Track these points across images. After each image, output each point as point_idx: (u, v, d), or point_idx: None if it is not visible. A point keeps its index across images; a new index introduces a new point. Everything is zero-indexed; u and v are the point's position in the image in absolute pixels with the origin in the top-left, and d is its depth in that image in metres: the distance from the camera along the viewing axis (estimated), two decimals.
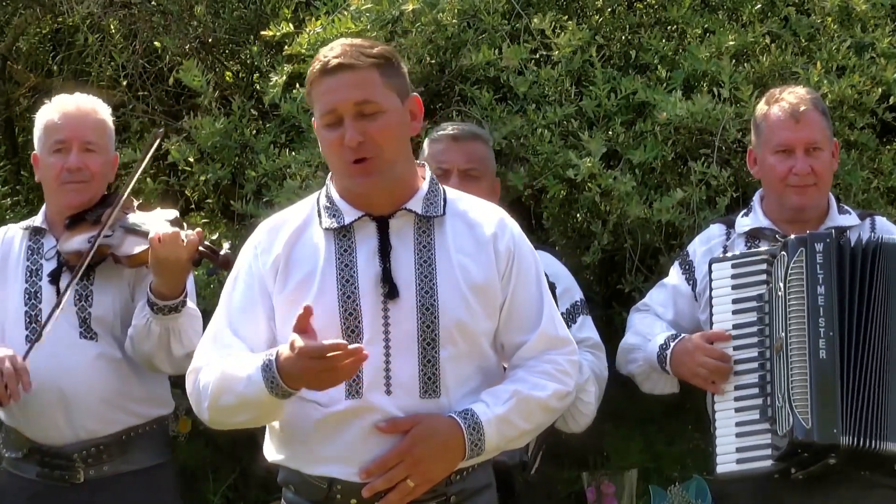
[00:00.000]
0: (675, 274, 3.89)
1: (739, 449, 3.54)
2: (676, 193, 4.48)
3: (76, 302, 3.74)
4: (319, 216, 2.96)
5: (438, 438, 2.85)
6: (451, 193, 3.03)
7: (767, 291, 3.56)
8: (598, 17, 5.02)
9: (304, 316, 2.76)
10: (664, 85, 4.63)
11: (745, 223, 3.81)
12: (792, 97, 3.73)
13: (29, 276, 3.82)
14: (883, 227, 3.79)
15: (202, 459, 5.58)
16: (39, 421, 3.73)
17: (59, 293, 3.74)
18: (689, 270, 3.85)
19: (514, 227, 3.02)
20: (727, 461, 3.56)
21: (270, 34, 4.89)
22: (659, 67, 4.67)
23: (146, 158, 3.81)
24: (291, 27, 4.84)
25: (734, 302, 3.61)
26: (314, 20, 4.75)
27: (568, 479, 5.09)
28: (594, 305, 5.66)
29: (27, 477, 3.80)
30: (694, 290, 3.82)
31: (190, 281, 3.75)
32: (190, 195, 5.25)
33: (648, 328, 3.79)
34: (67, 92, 4.02)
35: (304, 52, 4.69)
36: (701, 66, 4.61)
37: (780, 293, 3.50)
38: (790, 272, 3.49)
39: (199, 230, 3.65)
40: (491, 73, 4.70)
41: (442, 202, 2.97)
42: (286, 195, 4.56)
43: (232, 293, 2.99)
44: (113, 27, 5.68)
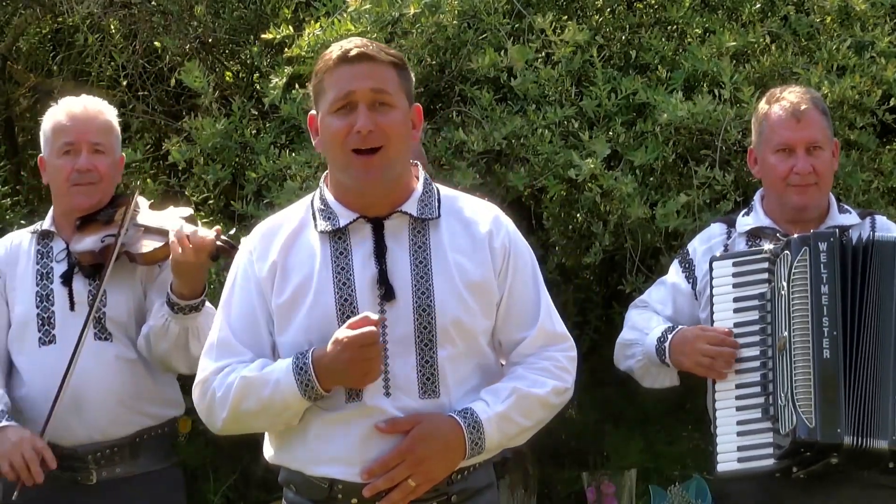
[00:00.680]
0: (674, 272, 3.88)
1: (741, 447, 3.53)
2: (680, 198, 4.48)
3: (90, 303, 3.74)
4: (314, 219, 2.95)
5: (439, 438, 2.85)
6: (444, 192, 3.03)
7: (769, 290, 3.55)
8: (598, 17, 5.02)
9: (364, 321, 2.78)
10: (665, 85, 4.63)
11: (746, 222, 3.81)
12: (793, 96, 3.73)
13: (39, 279, 3.81)
14: (883, 225, 3.78)
15: (202, 459, 5.59)
16: (53, 422, 3.71)
17: (71, 295, 3.75)
18: (689, 269, 3.84)
19: (508, 224, 3.02)
20: (728, 460, 3.55)
21: (270, 36, 4.89)
22: (659, 67, 4.67)
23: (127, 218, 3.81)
24: (291, 29, 4.84)
25: (735, 300, 3.60)
26: (314, 22, 4.74)
27: (568, 479, 5.11)
28: (594, 306, 5.69)
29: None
30: (694, 288, 3.81)
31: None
32: (190, 196, 5.25)
33: (645, 322, 3.79)
34: (68, 92, 4.03)
35: (303, 54, 4.69)
36: (701, 66, 4.61)
37: (783, 292, 3.50)
38: (794, 271, 3.48)
39: (217, 228, 3.65)
40: (491, 73, 4.70)
41: (436, 203, 2.97)
42: (286, 196, 4.56)
43: (230, 300, 2.98)
44: (113, 27, 5.68)
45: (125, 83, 5.54)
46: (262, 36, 5.00)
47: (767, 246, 3.62)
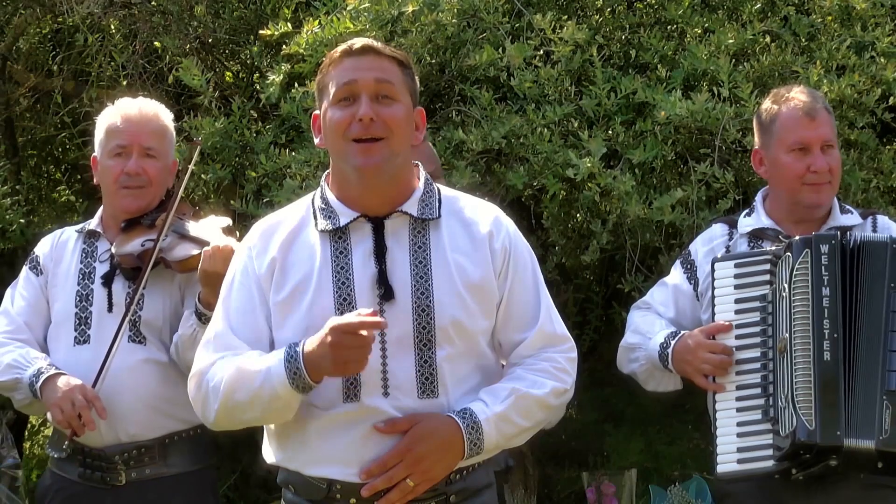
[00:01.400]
0: (676, 273, 3.88)
1: (740, 449, 3.52)
2: (676, 193, 4.48)
3: (126, 305, 3.73)
4: (315, 218, 2.95)
5: (438, 438, 2.84)
6: (445, 192, 3.02)
7: (771, 292, 3.54)
8: (597, 16, 5.03)
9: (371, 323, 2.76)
10: (664, 84, 4.62)
11: (747, 223, 3.80)
12: (803, 96, 3.72)
13: (81, 278, 3.81)
14: (884, 226, 3.78)
15: None
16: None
17: (111, 296, 3.75)
18: (690, 270, 3.83)
19: (509, 224, 3.01)
20: (728, 461, 3.54)
21: (269, 34, 4.89)
22: (659, 67, 4.67)
23: (191, 165, 3.81)
24: (290, 27, 4.84)
25: (737, 301, 3.60)
26: (313, 20, 4.74)
27: (568, 479, 5.11)
28: (594, 305, 5.69)
29: (69, 477, 3.80)
30: (696, 289, 3.81)
31: None
32: (190, 196, 5.25)
33: (648, 326, 3.79)
34: (67, 92, 4.02)
35: (302, 52, 4.69)
36: (700, 65, 4.61)
37: (784, 294, 3.49)
38: (795, 273, 3.48)
39: None
40: (491, 72, 4.70)
41: (437, 203, 2.96)
42: (286, 195, 4.56)
43: (229, 296, 2.97)
44: (113, 27, 5.68)
45: (125, 83, 5.54)
46: (260, 33, 5.00)
47: (768, 247, 3.62)
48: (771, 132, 3.74)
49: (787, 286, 3.48)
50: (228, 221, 3.84)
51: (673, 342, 3.67)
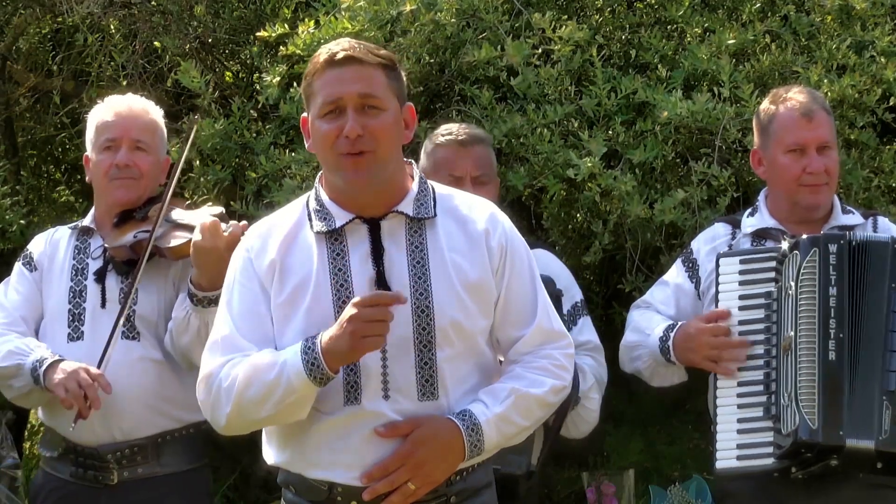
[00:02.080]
0: (677, 272, 3.87)
1: (740, 445, 3.52)
2: (678, 194, 4.47)
3: (121, 301, 3.74)
4: (310, 220, 2.94)
5: (439, 441, 2.84)
6: (440, 190, 3.02)
7: (776, 289, 3.54)
8: (597, 16, 5.02)
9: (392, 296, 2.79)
10: (664, 84, 4.62)
11: (750, 223, 3.79)
12: (801, 96, 3.72)
13: (74, 274, 3.82)
14: (885, 227, 3.78)
15: None
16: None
17: (104, 292, 3.76)
18: (692, 269, 3.83)
19: (505, 221, 3.01)
20: (727, 457, 3.54)
21: (266, 35, 4.89)
22: (659, 67, 4.66)
23: (186, 149, 3.82)
24: (287, 27, 4.84)
25: (741, 298, 3.59)
26: (310, 20, 4.74)
27: (568, 479, 5.11)
28: (594, 306, 5.68)
29: (61, 477, 3.80)
30: (697, 288, 3.80)
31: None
32: (190, 196, 5.25)
33: (647, 323, 3.78)
34: (67, 92, 4.02)
35: (300, 52, 4.69)
36: (701, 65, 4.61)
37: (790, 292, 3.49)
38: (802, 272, 3.47)
39: (244, 223, 3.64)
40: (491, 72, 4.70)
41: (432, 202, 2.96)
42: (286, 195, 4.56)
43: (231, 298, 2.96)
44: (113, 27, 5.68)
45: (125, 83, 5.53)
46: (257, 34, 5.00)
47: (781, 244, 3.60)
48: (769, 133, 3.74)
49: (793, 284, 3.47)
50: (221, 210, 3.84)
51: (672, 334, 3.67)
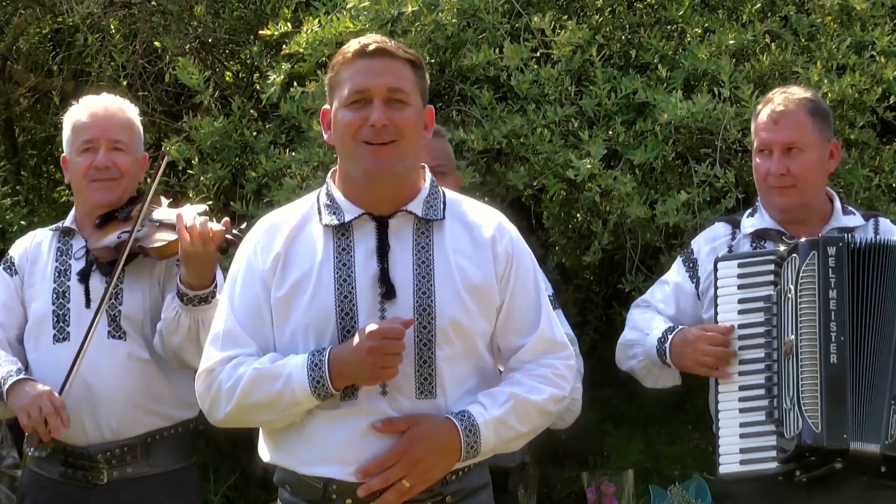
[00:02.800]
0: (677, 271, 3.86)
1: (743, 450, 3.50)
2: (680, 196, 4.47)
3: (101, 297, 3.73)
4: (319, 213, 2.95)
5: (435, 439, 2.84)
6: (450, 196, 3.02)
7: (776, 293, 3.53)
8: (597, 16, 5.03)
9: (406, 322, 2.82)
10: (664, 84, 4.62)
11: (750, 223, 3.78)
12: (778, 97, 3.71)
13: (57, 276, 3.80)
14: (886, 228, 3.76)
15: (202, 459, 5.58)
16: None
17: (88, 292, 3.74)
18: (692, 268, 3.82)
19: (512, 230, 3.01)
20: (730, 461, 3.53)
21: (268, 34, 4.89)
22: (659, 67, 4.67)
23: (159, 173, 3.81)
24: (289, 26, 4.84)
25: (740, 301, 3.58)
26: (312, 20, 4.74)
27: (568, 479, 5.11)
28: (594, 306, 5.68)
29: (50, 477, 3.78)
30: (697, 288, 3.79)
31: (219, 274, 3.74)
32: (192, 197, 5.25)
33: (646, 323, 3.77)
34: (67, 92, 4.02)
35: (302, 51, 4.69)
36: (701, 65, 4.61)
37: (790, 295, 3.47)
38: (802, 275, 3.46)
39: (226, 220, 3.63)
40: (491, 72, 4.70)
41: (442, 205, 2.96)
42: (285, 195, 4.56)
43: (233, 293, 2.97)
44: (113, 27, 5.68)
45: (125, 83, 5.54)
46: (260, 33, 5.00)
47: (779, 247, 3.59)
48: (753, 133, 3.77)
49: (792, 287, 3.46)
50: (204, 207, 3.83)
51: (671, 336, 3.66)
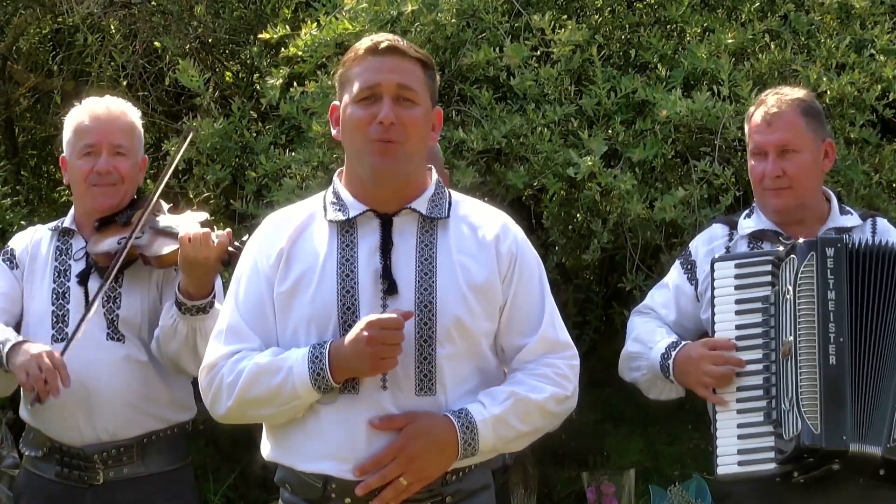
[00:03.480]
0: (676, 273, 3.85)
1: (741, 451, 3.49)
2: (678, 192, 4.47)
3: (104, 303, 3.73)
4: (325, 211, 2.96)
5: (432, 436, 2.84)
6: (455, 196, 3.04)
7: (773, 294, 3.52)
8: (597, 16, 5.03)
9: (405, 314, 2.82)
10: (664, 83, 4.62)
11: (748, 224, 3.78)
12: (772, 99, 3.70)
13: (57, 276, 3.80)
14: (884, 228, 3.76)
15: (202, 459, 5.60)
16: (61, 421, 3.71)
17: (87, 294, 3.74)
18: (691, 270, 3.81)
19: (517, 231, 3.02)
20: (728, 462, 3.52)
21: (267, 37, 4.89)
22: (659, 66, 4.67)
23: (175, 160, 3.81)
24: (288, 29, 4.84)
25: (738, 302, 3.57)
26: (311, 21, 4.75)
27: (568, 479, 5.12)
28: (594, 306, 5.69)
29: (46, 476, 3.78)
30: (696, 289, 3.79)
31: (217, 283, 3.74)
32: (192, 197, 5.26)
33: (650, 335, 3.75)
34: (68, 92, 4.01)
35: (301, 53, 4.70)
36: (700, 64, 4.61)
37: (788, 296, 3.47)
38: (800, 276, 3.45)
39: (228, 231, 3.63)
40: (490, 72, 4.70)
41: (447, 205, 2.98)
42: (286, 195, 4.57)
43: (238, 288, 2.98)
44: (113, 27, 5.69)
45: (125, 83, 5.55)
46: (259, 36, 5.01)
47: (777, 248, 3.59)
48: (747, 136, 3.76)
49: (791, 288, 3.46)
50: (206, 215, 3.84)
51: (674, 353, 3.63)
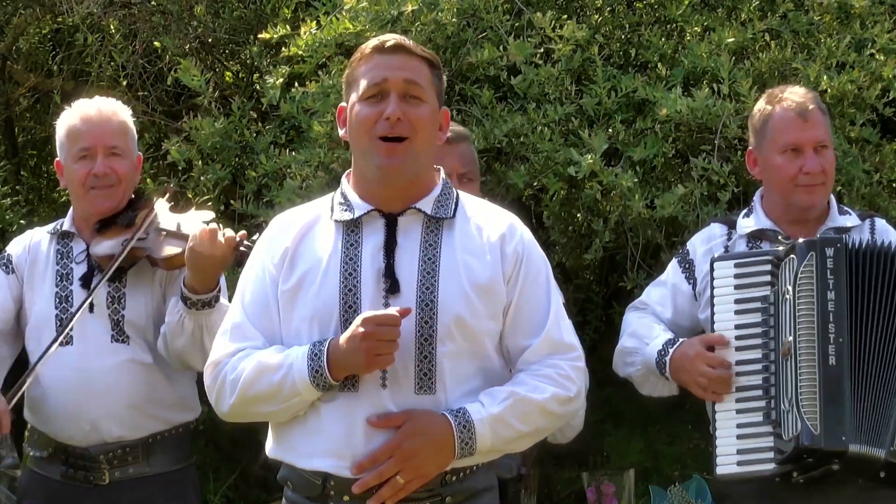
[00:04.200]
0: (674, 272, 3.85)
1: (740, 451, 3.49)
2: (678, 189, 4.47)
3: (109, 305, 3.73)
4: (332, 211, 2.98)
5: (429, 435, 2.84)
6: (464, 197, 3.04)
7: (773, 293, 3.52)
8: (597, 15, 5.02)
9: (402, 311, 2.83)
10: (664, 82, 4.62)
11: (746, 224, 3.77)
12: (797, 96, 3.70)
13: (59, 280, 3.79)
14: (882, 228, 3.76)
15: (203, 459, 5.59)
16: (66, 423, 3.72)
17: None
18: (689, 269, 3.81)
19: (524, 231, 3.02)
20: (727, 462, 3.52)
21: (267, 37, 4.89)
22: (659, 65, 4.67)
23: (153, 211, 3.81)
24: (289, 29, 4.84)
25: (737, 302, 3.57)
26: (311, 21, 4.75)
27: (568, 479, 5.11)
28: (594, 306, 5.68)
29: (50, 476, 3.79)
30: (694, 289, 3.78)
31: (222, 280, 3.73)
32: (192, 197, 5.26)
33: (646, 331, 3.75)
34: (68, 92, 4.01)
35: (301, 53, 4.69)
36: (700, 63, 4.61)
37: (787, 296, 3.46)
38: (800, 276, 3.44)
39: (242, 232, 3.63)
40: (491, 71, 4.70)
41: (453, 205, 2.98)
42: (286, 195, 4.57)
43: (245, 288, 3.01)
44: (113, 27, 5.69)
45: (125, 83, 5.55)
46: (259, 36, 5.01)
47: (777, 248, 3.59)
48: (764, 133, 3.72)
49: (790, 288, 3.45)
50: (211, 215, 3.83)
51: (671, 350, 3.63)
